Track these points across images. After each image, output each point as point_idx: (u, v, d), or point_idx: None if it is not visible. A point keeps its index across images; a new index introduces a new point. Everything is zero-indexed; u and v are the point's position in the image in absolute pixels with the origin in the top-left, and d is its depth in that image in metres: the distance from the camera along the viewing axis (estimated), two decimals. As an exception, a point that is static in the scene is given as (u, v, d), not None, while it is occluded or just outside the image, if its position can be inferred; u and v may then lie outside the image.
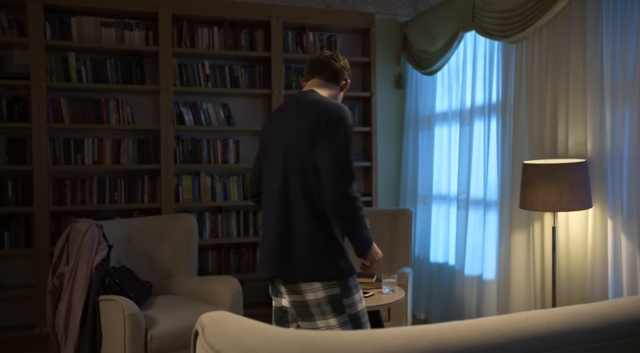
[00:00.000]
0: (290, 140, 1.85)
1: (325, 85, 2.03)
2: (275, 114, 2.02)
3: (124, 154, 3.72)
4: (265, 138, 2.02)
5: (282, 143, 1.88)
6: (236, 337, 0.89)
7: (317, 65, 2.04)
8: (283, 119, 1.93)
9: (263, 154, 2.01)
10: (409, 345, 0.89)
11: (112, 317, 2.51)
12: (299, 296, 1.82)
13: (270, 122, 2.02)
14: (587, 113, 2.60)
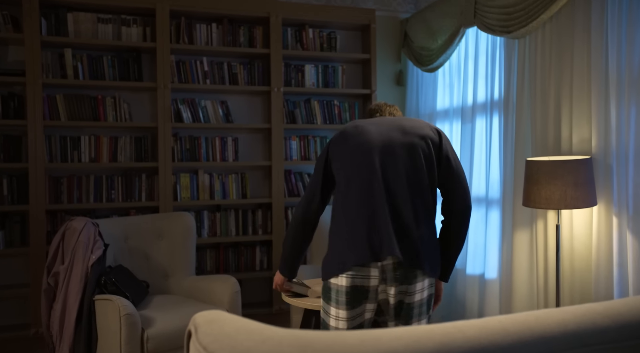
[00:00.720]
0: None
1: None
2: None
3: (121, 151, 3.67)
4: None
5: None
6: (231, 337, 0.84)
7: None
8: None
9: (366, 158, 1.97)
10: (413, 346, 0.84)
11: (108, 317, 2.46)
12: (410, 296, 1.81)
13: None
14: (591, 109, 2.55)
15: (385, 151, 1.87)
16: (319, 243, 3.51)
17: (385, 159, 1.86)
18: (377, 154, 1.86)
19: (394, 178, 1.84)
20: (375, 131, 1.91)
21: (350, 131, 1.92)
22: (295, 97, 4.15)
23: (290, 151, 4.05)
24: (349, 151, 1.89)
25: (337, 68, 4.17)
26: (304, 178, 4.08)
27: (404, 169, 1.85)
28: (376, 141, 1.88)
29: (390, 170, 1.85)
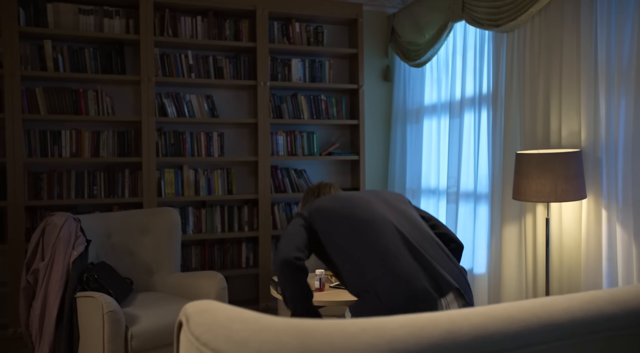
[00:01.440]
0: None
1: None
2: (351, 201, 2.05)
3: (104, 146, 3.58)
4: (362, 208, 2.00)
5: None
6: (225, 327, 0.79)
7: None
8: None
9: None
10: (418, 334, 0.80)
11: (90, 315, 2.38)
12: None
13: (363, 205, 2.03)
14: (581, 102, 2.54)
15: (381, 204, 1.95)
16: (306, 239, 3.46)
17: (386, 209, 1.93)
18: (378, 206, 1.92)
19: (402, 223, 1.89)
20: (356, 195, 1.99)
21: (330, 201, 1.95)
22: (282, 91, 4.10)
23: (276, 146, 3.99)
24: (347, 214, 1.87)
25: (324, 63, 4.12)
26: (291, 174, 4.03)
27: (403, 214, 1.94)
28: (367, 197, 1.96)
29: (396, 216, 1.91)
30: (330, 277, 2.53)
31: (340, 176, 4.28)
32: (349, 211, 1.85)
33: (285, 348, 0.75)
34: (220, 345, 0.76)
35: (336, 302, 2.15)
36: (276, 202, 4.01)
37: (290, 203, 4.05)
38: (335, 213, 1.85)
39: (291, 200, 4.07)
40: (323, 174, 4.23)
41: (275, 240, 4.02)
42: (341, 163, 4.28)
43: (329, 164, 4.25)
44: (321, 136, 4.22)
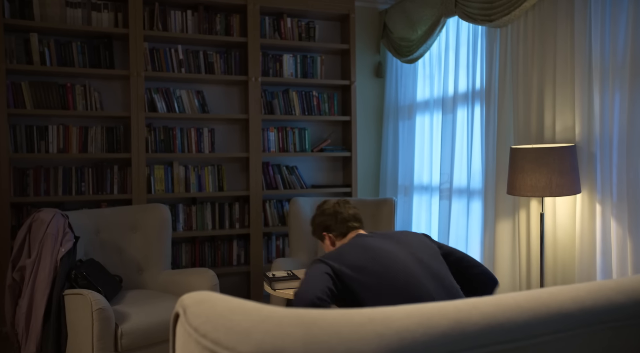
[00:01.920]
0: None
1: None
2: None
3: (92, 142, 3.52)
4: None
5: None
6: (225, 317, 0.76)
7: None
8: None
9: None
10: (426, 324, 0.77)
11: (78, 312, 2.33)
12: None
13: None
14: (575, 97, 2.54)
15: (416, 265, 1.71)
16: (298, 235, 3.43)
17: (421, 274, 1.71)
18: (413, 271, 1.69)
19: (439, 292, 1.70)
20: (387, 250, 1.74)
21: (360, 256, 1.70)
22: (273, 87, 4.06)
23: (268, 143, 3.95)
24: (381, 275, 1.66)
25: (315, 58, 4.09)
26: (282, 170, 3.99)
27: (439, 277, 1.73)
28: (401, 257, 1.71)
29: (434, 284, 1.70)
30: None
31: (332, 173, 4.25)
32: (384, 274, 1.65)
33: (290, 339, 0.71)
34: (220, 336, 0.72)
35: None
36: (268, 199, 3.97)
37: (282, 200, 4.02)
38: (368, 273, 1.64)
39: (283, 197, 4.04)
40: (315, 171, 4.20)
41: (266, 238, 3.98)
42: (333, 159, 4.25)
43: (320, 160, 4.22)
44: (313, 132, 4.19)
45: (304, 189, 3.97)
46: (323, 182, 4.20)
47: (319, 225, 2.05)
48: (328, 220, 2.01)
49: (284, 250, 4.03)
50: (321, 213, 2.06)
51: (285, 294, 2.16)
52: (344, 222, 1.99)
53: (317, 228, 2.06)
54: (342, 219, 1.99)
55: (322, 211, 2.06)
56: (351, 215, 2.02)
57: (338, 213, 2.01)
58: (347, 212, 2.01)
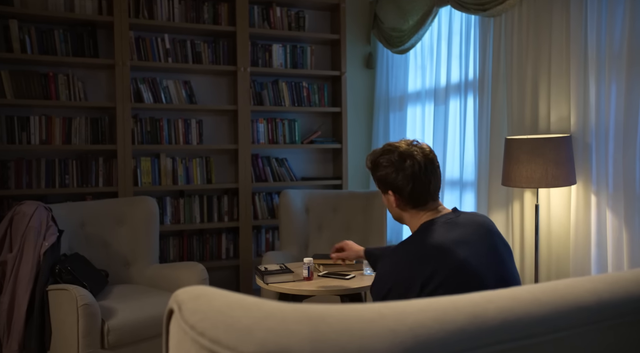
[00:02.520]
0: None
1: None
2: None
3: (76, 133, 3.41)
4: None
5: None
6: (224, 314, 0.70)
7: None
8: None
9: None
10: (442, 319, 0.72)
11: (63, 308, 2.25)
12: None
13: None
14: (570, 87, 2.51)
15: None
16: (289, 228, 3.37)
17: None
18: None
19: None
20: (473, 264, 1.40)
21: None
22: (263, 78, 3.98)
23: (257, 134, 3.88)
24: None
25: (305, 48, 4.02)
26: (272, 162, 3.93)
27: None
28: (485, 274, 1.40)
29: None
30: (317, 266, 2.45)
31: (322, 165, 4.20)
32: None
33: (296, 337, 0.66)
34: (219, 334, 0.66)
35: (326, 291, 2.07)
36: (257, 192, 3.90)
37: (272, 192, 3.95)
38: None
39: (272, 190, 3.97)
40: (305, 163, 4.13)
41: (255, 231, 3.91)
42: (323, 152, 4.19)
43: (311, 152, 4.16)
44: (303, 124, 4.12)
45: (293, 182, 3.91)
46: (313, 174, 4.15)
47: (383, 178, 1.56)
48: (400, 180, 1.52)
49: (273, 244, 3.97)
50: (390, 164, 1.53)
51: (278, 288, 2.10)
52: (420, 195, 1.52)
53: (380, 179, 1.58)
54: (420, 190, 1.51)
55: (393, 162, 1.53)
56: (434, 186, 1.55)
57: (417, 179, 1.51)
58: (429, 179, 1.52)
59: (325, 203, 3.52)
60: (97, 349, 2.21)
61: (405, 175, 1.51)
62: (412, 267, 1.37)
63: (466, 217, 1.51)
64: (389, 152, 1.55)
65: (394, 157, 1.53)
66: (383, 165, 1.55)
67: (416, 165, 1.51)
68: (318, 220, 3.50)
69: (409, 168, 1.51)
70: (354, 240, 3.48)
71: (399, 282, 1.38)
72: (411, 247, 1.43)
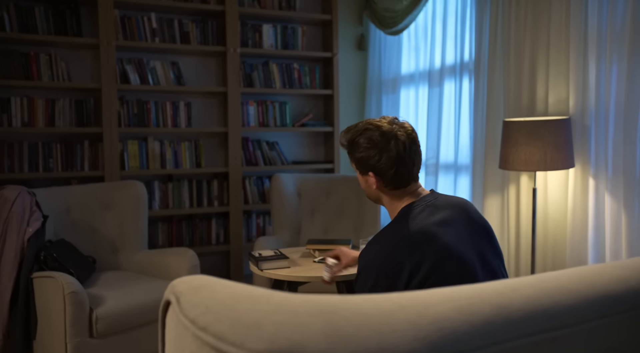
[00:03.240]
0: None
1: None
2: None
3: (60, 115, 3.29)
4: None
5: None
6: (229, 307, 0.63)
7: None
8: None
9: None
10: (466, 310, 0.66)
11: (49, 296, 2.17)
12: None
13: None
14: (569, 68, 2.45)
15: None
16: (281, 212, 3.31)
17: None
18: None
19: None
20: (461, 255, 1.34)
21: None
22: (253, 59, 3.88)
23: (247, 117, 3.79)
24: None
25: (296, 29, 3.91)
26: (263, 146, 3.84)
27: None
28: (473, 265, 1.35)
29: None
30: (312, 252, 2.39)
31: (313, 148, 4.12)
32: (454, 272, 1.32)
33: (309, 332, 0.59)
34: (224, 329, 0.60)
35: (321, 278, 2.01)
36: (247, 176, 3.83)
37: (262, 176, 3.88)
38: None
39: (263, 174, 3.90)
40: (296, 146, 4.06)
41: (246, 216, 3.84)
42: (315, 135, 4.12)
43: (302, 135, 4.08)
44: (294, 107, 4.04)
45: (284, 165, 3.84)
46: (304, 158, 4.07)
47: (364, 159, 1.45)
48: (383, 163, 1.42)
49: (264, 229, 3.91)
50: (372, 145, 1.42)
51: (273, 274, 2.04)
52: (403, 177, 1.44)
53: (360, 161, 1.47)
54: (403, 172, 1.43)
55: (376, 143, 1.42)
56: (417, 167, 1.47)
57: (401, 161, 1.41)
58: (413, 161, 1.44)
59: (318, 188, 3.46)
60: (85, 338, 2.14)
61: (389, 157, 1.41)
62: (398, 255, 1.30)
63: (445, 199, 1.46)
64: (369, 131, 1.44)
65: (375, 137, 1.42)
66: (363, 146, 1.44)
67: (400, 146, 1.41)
68: (310, 204, 3.43)
69: (393, 149, 1.41)
70: (347, 225, 3.43)
71: (385, 272, 1.31)
72: (396, 233, 1.35)
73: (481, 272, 1.35)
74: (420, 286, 1.28)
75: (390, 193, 1.47)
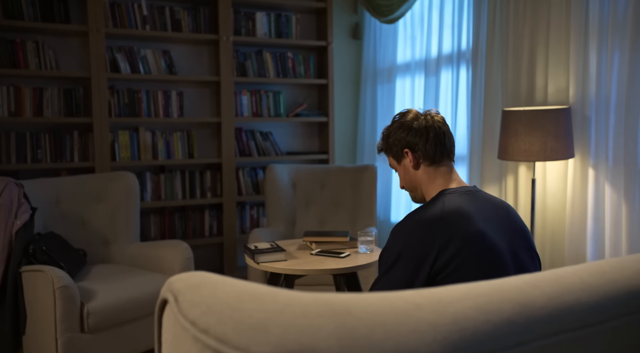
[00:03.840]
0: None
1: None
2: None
3: (48, 105, 3.21)
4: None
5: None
6: (232, 307, 0.59)
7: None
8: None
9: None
10: (486, 309, 0.62)
11: (38, 291, 2.11)
12: None
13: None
14: (569, 56, 2.41)
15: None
16: (276, 204, 3.26)
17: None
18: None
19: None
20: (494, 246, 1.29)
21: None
22: (246, 48, 3.80)
23: (240, 107, 3.72)
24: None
25: (290, 17, 3.84)
26: (256, 136, 3.78)
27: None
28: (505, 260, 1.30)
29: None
30: (309, 244, 2.34)
31: (308, 139, 4.07)
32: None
33: (320, 334, 0.55)
34: (227, 331, 0.55)
35: (320, 271, 1.97)
36: (241, 167, 3.77)
37: (256, 167, 3.82)
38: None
39: (257, 165, 3.84)
40: (290, 137, 4.00)
41: (240, 207, 3.79)
42: (309, 125, 4.06)
43: (296, 126, 4.02)
44: (288, 96, 3.97)
45: (278, 156, 3.79)
46: (299, 149, 4.02)
47: (397, 140, 1.49)
48: (414, 133, 1.45)
49: (258, 220, 3.86)
50: (404, 127, 1.48)
51: (269, 267, 1.99)
52: (437, 147, 1.45)
53: (393, 144, 1.51)
54: (437, 142, 1.46)
55: (407, 125, 1.47)
56: (450, 143, 1.51)
57: (431, 128, 1.46)
58: (444, 132, 1.48)
59: (313, 179, 3.41)
60: (76, 333, 2.09)
61: (419, 127, 1.46)
62: (428, 233, 1.28)
63: (485, 195, 1.44)
64: (399, 120, 1.53)
65: (406, 123, 1.50)
66: (397, 132, 1.51)
67: (430, 119, 1.49)
68: (305, 196, 3.39)
69: (423, 121, 1.48)
70: (343, 216, 3.39)
71: (413, 249, 1.28)
72: (430, 211, 1.33)
73: (511, 269, 1.30)
74: (448, 264, 1.25)
75: (428, 171, 1.47)
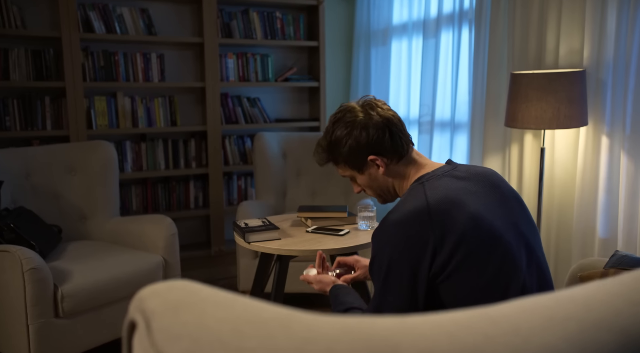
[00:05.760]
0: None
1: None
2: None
3: (15, 67, 2.95)
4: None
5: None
6: (227, 346, 0.41)
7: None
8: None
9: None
10: (577, 338, 0.45)
11: (6, 274, 1.92)
12: None
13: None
14: (585, 14, 2.22)
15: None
16: (265, 174, 3.07)
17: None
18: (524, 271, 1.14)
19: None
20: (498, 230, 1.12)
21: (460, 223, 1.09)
22: (231, 7, 3.54)
23: (226, 71, 3.48)
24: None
25: (279, -27, 3.56)
26: (243, 102, 3.56)
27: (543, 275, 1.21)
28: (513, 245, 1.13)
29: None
30: (305, 220, 2.17)
31: (298, 105, 3.85)
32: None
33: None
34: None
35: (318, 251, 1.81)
36: (227, 135, 3.56)
37: (243, 135, 3.61)
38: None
39: (244, 133, 3.63)
40: (279, 103, 3.78)
41: (227, 178, 3.59)
42: (299, 90, 3.84)
43: (285, 91, 3.80)
44: (277, 60, 3.73)
45: (267, 123, 3.58)
46: (288, 116, 3.81)
47: (353, 146, 1.28)
48: (373, 133, 1.26)
49: (246, 191, 3.68)
50: (351, 125, 1.27)
51: (262, 247, 1.82)
52: (400, 140, 1.29)
53: (350, 152, 1.29)
54: (398, 133, 1.29)
55: (354, 121, 1.27)
56: (406, 129, 1.34)
57: (389, 122, 1.28)
58: (399, 118, 1.32)
59: (304, 147, 3.22)
60: (49, 318, 1.91)
61: (376, 123, 1.27)
62: (418, 230, 1.09)
63: (466, 169, 1.25)
64: (340, 121, 1.31)
65: (350, 117, 1.29)
66: (344, 134, 1.29)
67: (379, 109, 1.31)
68: (296, 165, 3.20)
69: (376, 115, 1.28)
70: (336, 188, 3.22)
71: (405, 253, 1.10)
72: (413, 205, 1.13)
73: (516, 247, 1.14)
74: (446, 264, 1.08)
75: (398, 169, 1.31)
